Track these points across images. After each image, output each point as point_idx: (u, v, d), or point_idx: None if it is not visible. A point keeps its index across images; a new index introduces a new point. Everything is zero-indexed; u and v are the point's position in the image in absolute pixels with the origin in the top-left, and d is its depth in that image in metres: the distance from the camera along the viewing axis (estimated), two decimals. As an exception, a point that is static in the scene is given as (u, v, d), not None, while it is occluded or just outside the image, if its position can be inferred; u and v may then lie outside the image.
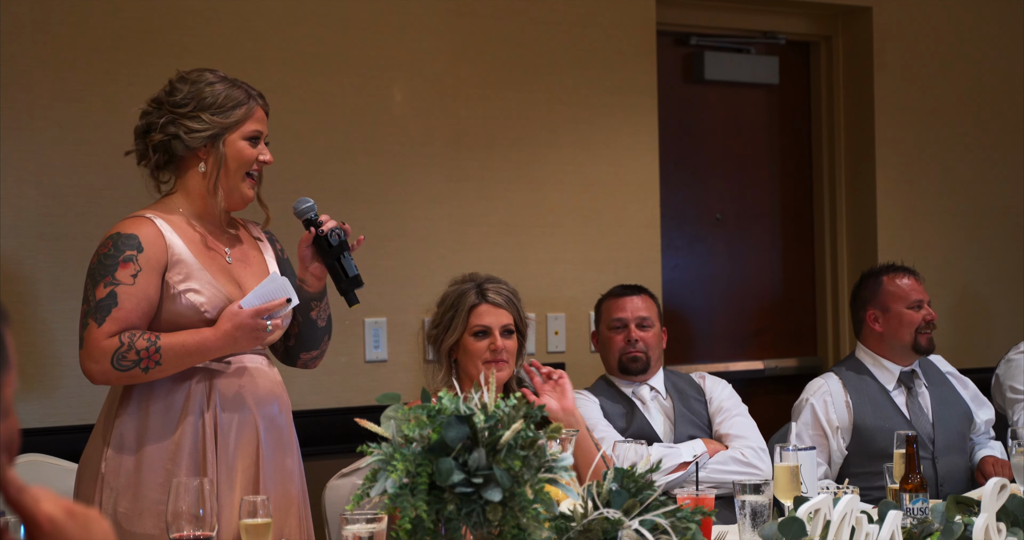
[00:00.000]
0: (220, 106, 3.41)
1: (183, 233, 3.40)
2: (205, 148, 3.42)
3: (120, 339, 3.26)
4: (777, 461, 3.47)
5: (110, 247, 3.33)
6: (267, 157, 3.49)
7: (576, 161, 5.39)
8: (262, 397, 3.44)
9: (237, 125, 3.43)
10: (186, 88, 3.43)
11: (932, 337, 4.86)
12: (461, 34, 5.14)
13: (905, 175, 6.21)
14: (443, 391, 2.57)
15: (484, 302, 3.91)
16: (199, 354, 3.31)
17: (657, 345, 4.58)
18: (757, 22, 6.15)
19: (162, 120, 3.42)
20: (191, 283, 3.34)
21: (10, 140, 4.34)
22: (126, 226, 3.36)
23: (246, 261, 3.51)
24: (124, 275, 3.29)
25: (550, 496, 2.51)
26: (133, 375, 3.28)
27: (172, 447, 3.32)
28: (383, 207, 4.97)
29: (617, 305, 4.62)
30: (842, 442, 4.73)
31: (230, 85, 3.46)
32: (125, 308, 3.28)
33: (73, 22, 4.44)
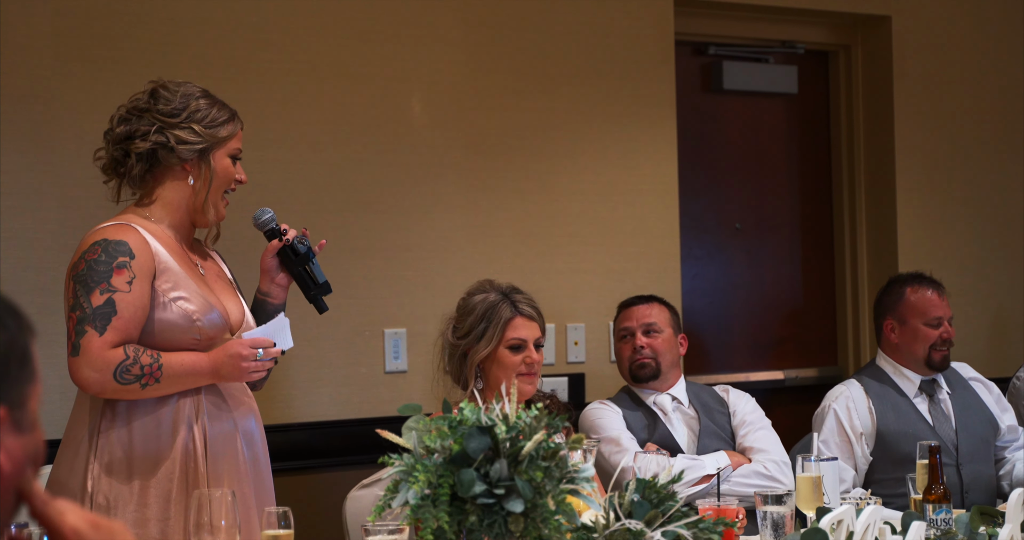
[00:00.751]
0: (211, 120, 3.39)
1: (164, 241, 3.36)
2: (192, 161, 3.38)
3: (125, 351, 3.23)
4: (799, 472, 3.46)
5: (99, 253, 3.27)
6: (243, 176, 3.48)
7: (595, 171, 5.39)
8: (241, 411, 3.43)
9: (225, 141, 3.41)
10: (175, 98, 3.39)
11: (948, 355, 4.83)
12: (479, 44, 5.15)
13: (925, 183, 6.20)
14: (464, 402, 2.57)
15: (519, 315, 3.91)
16: (192, 377, 3.29)
17: (668, 351, 4.55)
18: (776, 31, 6.15)
19: (151, 128, 3.36)
20: (180, 291, 3.31)
21: (31, 152, 4.36)
22: (111, 232, 3.31)
23: (214, 273, 3.50)
24: (120, 282, 3.25)
25: (572, 507, 2.51)
26: (130, 390, 3.24)
27: (167, 464, 3.29)
28: (401, 217, 4.98)
29: (624, 315, 4.64)
30: (866, 448, 4.72)
31: (214, 100, 3.44)
32: (124, 317, 3.24)
33: (94, 34, 4.45)
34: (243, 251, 4.23)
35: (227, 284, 3.50)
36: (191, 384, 3.30)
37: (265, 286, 3.54)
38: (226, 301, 3.42)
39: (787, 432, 5.17)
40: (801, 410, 5.97)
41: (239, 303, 3.47)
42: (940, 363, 4.81)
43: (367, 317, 4.90)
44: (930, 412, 4.77)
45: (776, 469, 4.33)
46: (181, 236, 3.43)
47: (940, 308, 4.83)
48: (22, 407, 1.57)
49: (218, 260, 3.58)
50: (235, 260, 3.84)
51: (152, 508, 3.27)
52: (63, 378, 4.27)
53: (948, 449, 4.70)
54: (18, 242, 4.33)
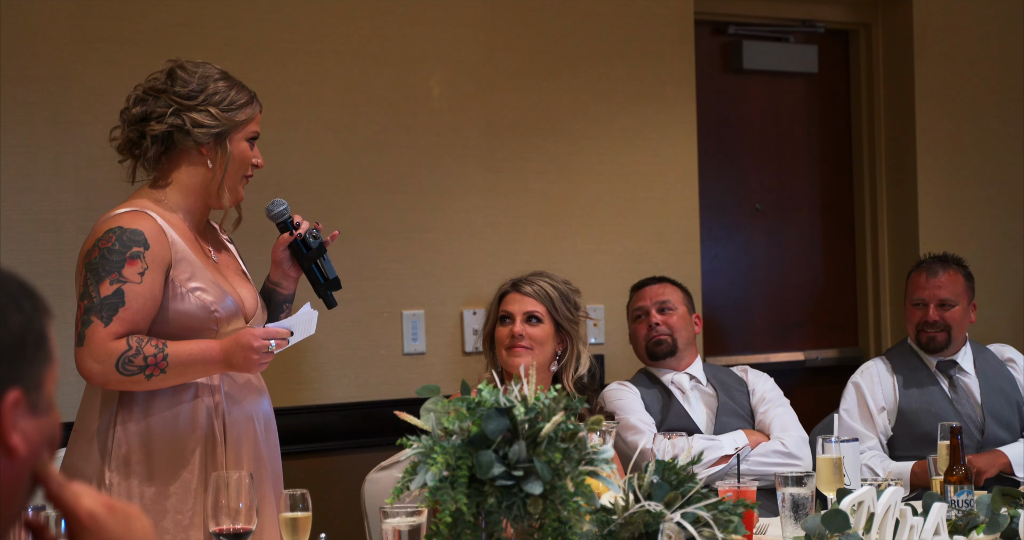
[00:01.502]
0: (229, 104, 3.34)
1: (178, 230, 3.31)
2: (209, 145, 3.33)
3: (128, 342, 3.17)
4: (820, 453, 3.45)
5: (113, 241, 3.22)
6: (260, 160, 3.43)
7: (614, 152, 5.38)
8: (258, 397, 3.42)
9: (243, 125, 3.36)
10: (193, 80, 3.33)
11: (936, 337, 4.77)
12: (497, 25, 5.13)
13: (947, 164, 6.17)
14: (483, 383, 2.56)
15: (513, 291, 4.01)
16: (202, 366, 3.23)
17: (684, 328, 4.55)
18: (796, 10, 6.12)
19: (167, 110, 3.31)
20: (197, 281, 3.27)
21: (48, 135, 4.36)
22: (127, 220, 3.25)
23: (226, 261, 3.46)
24: (131, 273, 3.20)
25: (591, 489, 2.51)
26: (135, 381, 3.20)
27: (188, 455, 3.27)
28: (419, 199, 4.97)
29: (637, 296, 4.64)
30: (888, 422, 4.71)
31: (233, 82, 3.38)
32: (132, 308, 3.19)
33: (112, 16, 4.45)
34: (260, 234, 4.23)
35: (239, 272, 3.47)
36: (201, 374, 3.26)
37: (275, 276, 3.51)
38: (240, 289, 3.39)
39: (808, 413, 5.15)
40: (822, 391, 5.95)
41: (252, 291, 3.44)
42: (927, 344, 4.77)
43: (385, 299, 4.90)
44: (951, 393, 4.75)
45: (795, 446, 4.32)
46: (194, 222, 3.38)
47: (924, 289, 4.79)
48: (38, 389, 1.57)
49: (231, 247, 3.55)
50: (250, 243, 3.84)
51: (172, 499, 3.25)
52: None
53: (971, 431, 4.68)
54: (37, 225, 4.33)
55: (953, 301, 4.78)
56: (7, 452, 1.54)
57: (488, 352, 4.04)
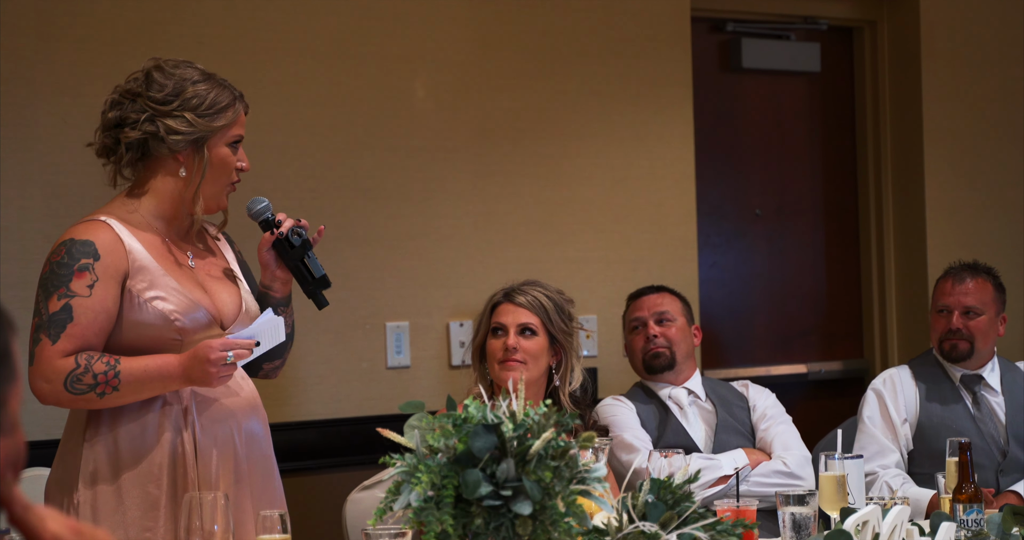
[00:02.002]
0: (208, 108, 3.29)
1: (143, 237, 3.29)
2: (186, 152, 3.30)
3: (76, 360, 3.16)
4: (823, 470, 3.45)
5: (63, 255, 3.21)
6: (245, 164, 3.39)
7: (607, 155, 5.38)
8: (242, 412, 3.38)
9: (223, 130, 3.31)
10: (169, 84, 3.29)
11: (958, 345, 4.76)
12: (485, 23, 5.14)
13: (955, 167, 6.18)
14: (469, 398, 2.56)
15: (506, 301, 3.99)
16: (159, 382, 3.20)
17: (683, 341, 4.54)
18: (797, 7, 6.13)
19: (141, 116, 3.28)
20: (157, 290, 3.25)
21: (12, 137, 4.35)
22: (80, 231, 3.24)
23: (208, 265, 3.42)
24: (80, 286, 3.18)
25: (583, 509, 2.50)
26: (88, 400, 3.18)
27: (154, 470, 3.25)
28: (405, 205, 4.97)
29: (633, 306, 4.63)
30: (909, 433, 4.70)
31: (215, 84, 3.33)
32: (81, 323, 3.17)
33: (78, 13, 4.45)
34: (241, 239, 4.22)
35: (224, 277, 3.44)
36: (160, 390, 3.23)
37: (265, 279, 3.49)
38: (219, 295, 3.37)
39: (811, 428, 5.15)
40: (825, 405, 5.96)
41: (236, 297, 3.41)
42: (949, 353, 4.76)
43: (368, 310, 4.90)
44: (973, 411, 4.73)
45: (797, 466, 4.32)
46: (173, 229, 3.36)
47: (949, 296, 4.78)
48: (1, 407, 1.56)
49: (223, 249, 3.52)
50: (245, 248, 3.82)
51: (132, 512, 3.25)
52: (49, 375, 4.28)
53: (992, 453, 4.65)
54: (2, 232, 4.32)
55: (979, 310, 4.76)
56: (-32, 474, 1.53)
57: (478, 365, 4.00)
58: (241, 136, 3.37)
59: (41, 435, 4.29)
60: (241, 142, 3.38)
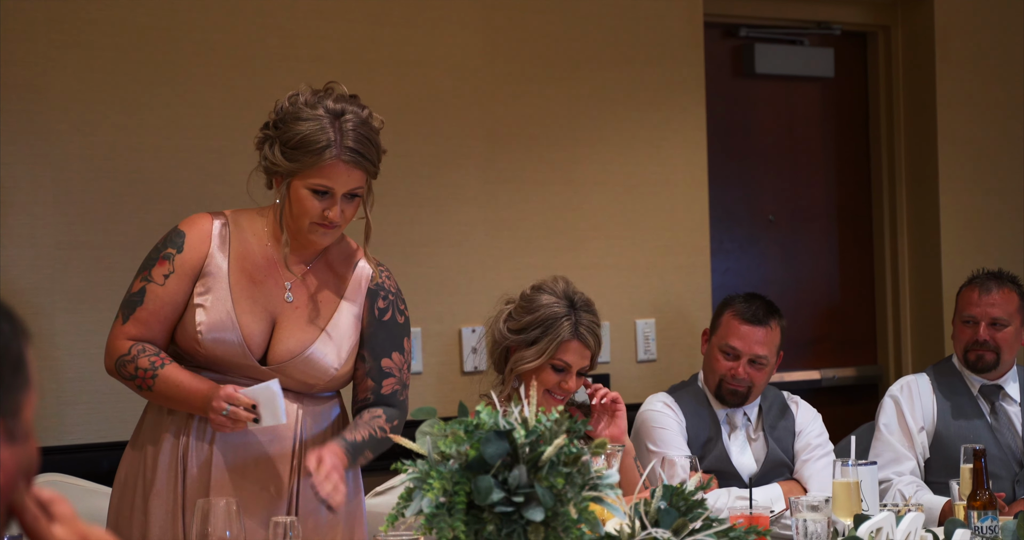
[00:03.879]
0: (295, 146, 3.24)
1: (238, 245, 3.33)
2: (279, 180, 3.32)
3: (131, 348, 3.28)
4: (836, 477, 3.45)
5: (163, 239, 3.35)
6: (332, 215, 3.28)
7: (619, 161, 5.39)
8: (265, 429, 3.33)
9: (301, 172, 3.25)
10: (287, 111, 3.29)
11: (984, 356, 4.74)
12: (496, 28, 5.14)
13: (970, 172, 6.18)
14: (481, 405, 2.57)
15: (576, 339, 3.81)
16: (186, 403, 3.25)
17: (764, 381, 4.44)
18: (811, 11, 6.13)
19: (265, 131, 3.34)
20: (206, 297, 3.29)
21: (26, 145, 4.37)
22: (189, 220, 3.36)
23: (307, 308, 3.37)
24: (158, 274, 3.30)
25: (595, 515, 2.51)
26: (131, 386, 3.32)
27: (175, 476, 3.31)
28: (415, 211, 4.98)
29: (739, 333, 4.42)
30: (926, 441, 4.69)
31: (320, 127, 3.25)
32: (148, 309, 3.28)
33: (88, 20, 4.46)
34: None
35: (313, 318, 3.37)
36: (185, 408, 3.28)
37: None
38: (288, 332, 3.32)
39: (824, 435, 5.16)
40: (839, 412, 5.95)
41: (308, 340, 3.33)
42: (975, 363, 4.75)
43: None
44: (991, 421, 4.72)
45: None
46: (293, 251, 3.36)
47: (976, 307, 4.75)
48: (15, 416, 1.57)
49: (354, 295, 3.43)
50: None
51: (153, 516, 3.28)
52: (60, 383, 4.30)
53: (1010, 464, 4.65)
54: (13, 239, 4.33)
55: (1006, 321, 4.74)
56: (-18, 480, 1.54)
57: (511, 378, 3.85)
58: (326, 187, 3.26)
59: (52, 441, 4.31)
60: (335, 193, 3.28)
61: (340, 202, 3.28)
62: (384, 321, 3.46)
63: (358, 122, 3.31)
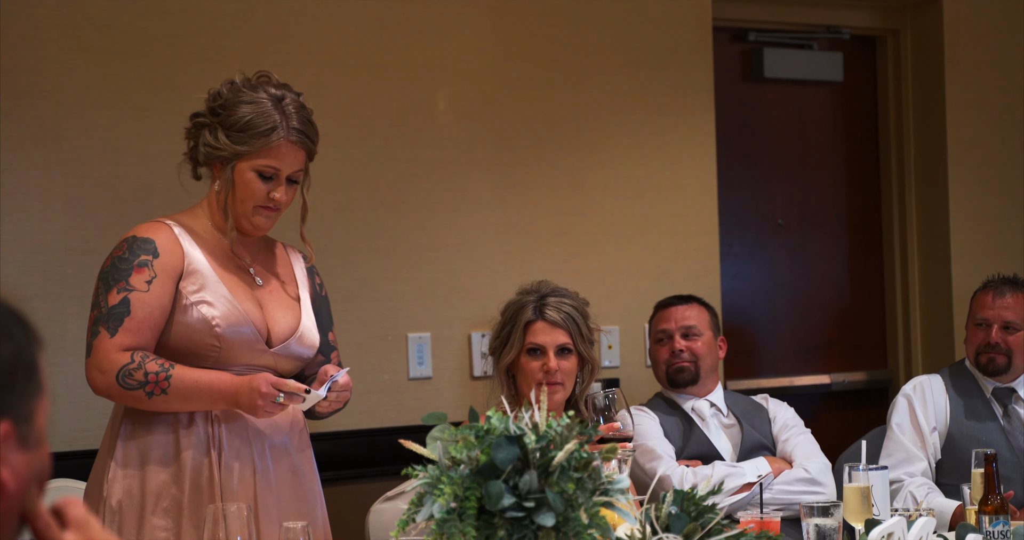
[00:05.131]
0: (241, 129, 3.32)
1: (203, 243, 3.37)
2: (220, 165, 3.37)
3: (132, 356, 3.24)
4: (847, 481, 3.44)
5: (125, 250, 3.30)
6: (279, 196, 3.37)
7: (629, 165, 5.39)
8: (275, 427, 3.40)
9: (248, 155, 3.33)
10: (227, 97, 3.36)
11: (996, 359, 4.75)
12: (506, 33, 5.14)
13: (979, 176, 6.17)
14: (492, 410, 2.56)
15: (540, 319, 3.88)
16: (208, 397, 3.26)
17: (708, 355, 4.55)
18: (819, 16, 6.13)
19: (197, 119, 3.40)
20: (204, 294, 3.31)
21: (36, 151, 4.37)
22: (143, 230, 3.34)
23: (275, 285, 3.47)
24: (138, 281, 3.26)
25: (606, 520, 2.50)
26: (136, 397, 3.25)
27: (178, 475, 3.30)
28: (426, 216, 4.98)
29: (662, 316, 4.62)
30: (938, 442, 4.69)
31: (264, 110, 3.33)
32: (137, 318, 3.25)
33: (99, 25, 4.47)
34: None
35: (289, 299, 3.46)
36: (206, 405, 3.29)
37: None
38: (274, 314, 3.41)
39: (834, 439, 5.15)
40: (849, 416, 5.95)
41: (293, 320, 3.44)
42: (985, 367, 4.76)
43: (390, 321, 4.91)
44: (1003, 423, 4.72)
45: (819, 473, 4.33)
46: (240, 241, 3.42)
47: (989, 309, 4.77)
48: (28, 422, 1.57)
49: (299, 276, 3.54)
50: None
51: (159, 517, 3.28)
52: (72, 388, 4.30)
53: (1021, 466, 4.64)
54: (22, 245, 4.34)
55: (1018, 325, 4.75)
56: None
57: (506, 381, 3.91)
58: (274, 168, 3.35)
59: (65, 447, 4.31)
60: (279, 174, 3.36)
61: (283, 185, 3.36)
62: (324, 296, 3.58)
63: (298, 105, 3.40)
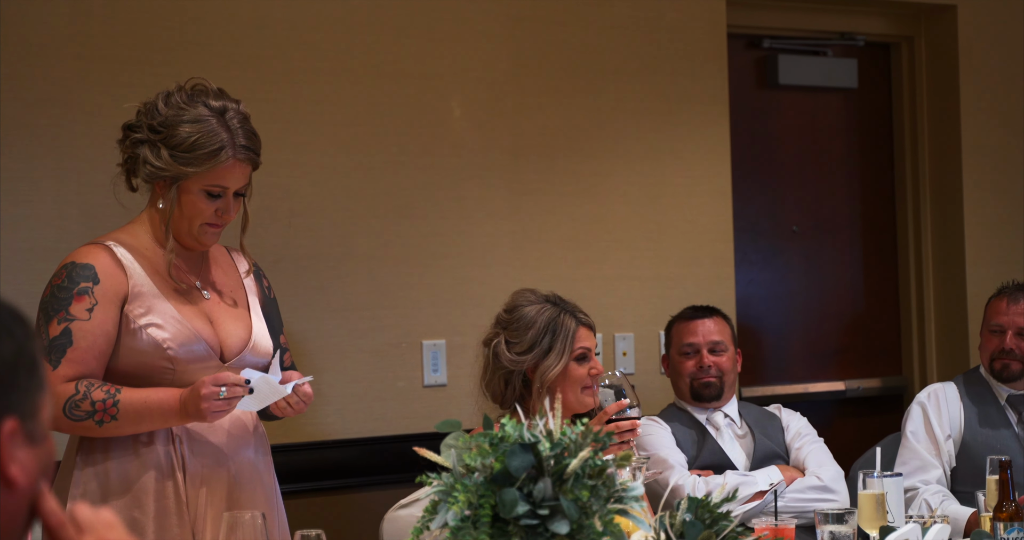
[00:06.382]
0: (187, 150, 3.22)
1: (146, 262, 3.29)
2: (162, 184, 3.28)
3: (76, 386, 3.15)
4: (861, 488, 3.44)
5: (63, 278, 3.21)
6: (227, 215, 3.29)
7: (643, 172, 5.38)
8: (239, 442, 3.36)
9: (196, 175, 3.23)
10: (167, 114, 3.25)
11: (1010, 366, 4.73)
12: (520, 40, 5.15)
13: (994, 183, 6.16)
14: (506, 418, 2.56)
15: (582, 325, 3.88)
16: (159, 416, 3.18)
17: (731, 370, 4.55)
18: (834, 23, 6.13)
19: (134, 135, 3.29)
20: (152, 317, 3.23)
21: (49, 159, 4.38)
22: (81, 255, 3.25)
23: (224, 299, 3.40)
24: (79, 310, 3.18)
25: (620, 528, 2.50)
26: (86, 427, 3.18)
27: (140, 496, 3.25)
28: (440, 224, 4.98)
29: (688, 329, 4.59)
30: (952, 450, 4.68)
31: (211, 129, 3.23)
32: (80, 348, 3.17)
33: (115, 34, 4.48)
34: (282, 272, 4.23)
35: (237, 309, 3.41)
36: (159, 424, 3.21)
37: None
38: (225, 327, 3.34)
39: (849, 446, 5.14)
40: (864, 423, 5.94)
41: (244, 330, 3.38)
42: (1000, 373, 4.75)
43: (404, 328, 4.91)
44: (1019, 430, 4.71)
45: (832, 480, 4.32)
46: (182, 256, 3.35)
47: (1004, 316, 4.76)
48: (34, 417, 1.58)
49: (247, 282, 3.48)
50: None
51: None
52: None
53: None
54: (37, 253, 4.33)
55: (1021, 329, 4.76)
56: (6, 484, 1.55)
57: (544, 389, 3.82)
58: (222, 187, 3.27)
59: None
60: (227, 192, 3.28)
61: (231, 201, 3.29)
62: (272, 299, 3.52)
63: (241, 118, 3.30)
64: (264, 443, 3.48)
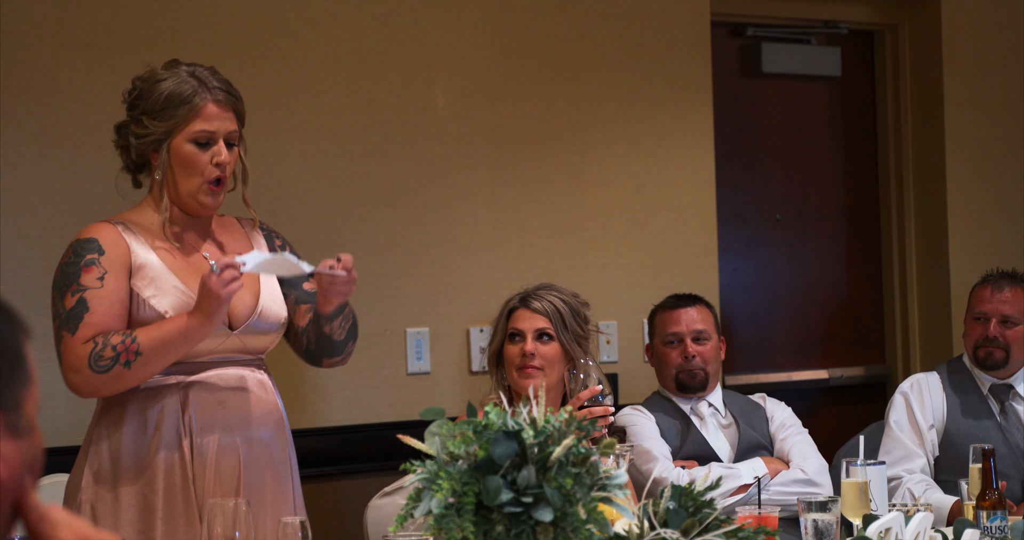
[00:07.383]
0: (164, 105, 3.30)
1: (148, 237, 3.34)
2: (155, 154, 3.35)
3: (95, 340, 3.21)
4: (844, 477, 3.45)
5: (70, 255, 3.30)
6: (221, 158, 3.34)
7: (627, 161, 5.38)
8: (251, 419, 3.39)
9: (179, 127, 3.31)
10: (140, 87, 3.36)
11: (993, 353, 4.75)
12: (505, 28, 5.14)
13: (977, 172, 6.17)
14: (490, 405, 2.56)
15: (523, 307, 3.94)
16: (181, 337, 3.21)
17: (715, 359, 4.54)
18: (818, 10, 6.13)
19: (122, 124, 3.39)
20: (156, 288, 3.29)
21: (34, 145, 4.37)
22: (84, 232, 3.33)
23: None
24: (90, 280, 3.24)
25: (604, 516, 2.50)
26: (117, 374, 3.21)
27: (150, 474, 3.28)
28: (424, 212, 4.98)
29: (671, 318, 4.57)
30: (936, 439, 4.69)
31: (181, 80, 3.32)
32: (98, 312, 3.23)
33: (100, 21, 4.47)
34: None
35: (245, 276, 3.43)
36: (184, 344, 3.23)
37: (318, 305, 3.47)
38: None
39: (832, 434, 5.15)
40: (847, 411, 5.95)
41: (253, 295, 3.41)
42: (983, 361, 4.75)
43: (388, 316, 4.91)
44: (1000, 420, 4.72)
45: (816, 473, 4.33)
46: (184, 225, 3.40)
47: (987, 303, 4.77)
48: (17, 410, 1.57)
49: (257, 245, 3.51)
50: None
51: (128, 514, 3.27)
52: (70, 382, 4.30)
53: (1019, 462, 4.64)
54: (22, 240, 4.34)
55: (1017, 319, 4.75)
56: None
57: (495, 371, 3.97)
58: (207, 131, 3.33)
59: (61, 442, 4.31)
60: (214, 137, 3.34)
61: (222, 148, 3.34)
62: (295, 253, 3.52)
63: (213, 71, 3.39)
64: (280, 423, 3.50)
